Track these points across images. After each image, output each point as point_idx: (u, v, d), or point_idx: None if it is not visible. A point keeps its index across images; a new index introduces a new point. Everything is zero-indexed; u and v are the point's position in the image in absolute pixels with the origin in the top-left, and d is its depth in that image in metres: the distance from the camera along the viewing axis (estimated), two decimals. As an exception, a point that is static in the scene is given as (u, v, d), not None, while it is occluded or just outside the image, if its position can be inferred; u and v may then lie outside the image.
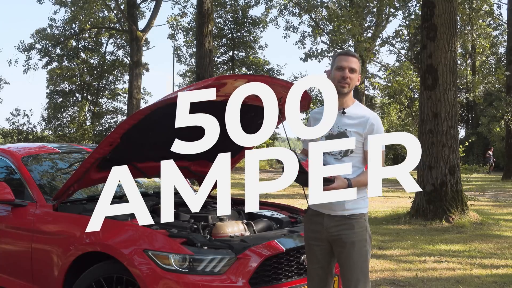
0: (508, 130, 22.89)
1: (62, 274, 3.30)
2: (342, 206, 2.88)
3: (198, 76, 17.30)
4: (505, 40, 28.14)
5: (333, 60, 3.00)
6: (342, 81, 2.89)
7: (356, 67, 2.92)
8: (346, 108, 2.93)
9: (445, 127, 9.11)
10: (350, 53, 2.97)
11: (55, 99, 38.69)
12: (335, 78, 2.90)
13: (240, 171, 28.30)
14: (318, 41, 30.59)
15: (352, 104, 2.97)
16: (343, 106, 2.93)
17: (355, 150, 2.88)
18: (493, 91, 31.64)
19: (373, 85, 24.40)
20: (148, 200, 4.11)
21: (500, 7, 48.42)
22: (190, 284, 2.88)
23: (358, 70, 2.95)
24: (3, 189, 3.65)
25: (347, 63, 2.90)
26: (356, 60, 2.94)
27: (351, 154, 2.88)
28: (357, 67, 2.93)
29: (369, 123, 2.88)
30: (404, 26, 16.74)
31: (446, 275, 5.47)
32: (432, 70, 9.25)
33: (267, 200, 5.25)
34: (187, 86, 4.97)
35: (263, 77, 3.95)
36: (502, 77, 16.05)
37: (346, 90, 2.91)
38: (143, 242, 3.00)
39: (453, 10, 9.34)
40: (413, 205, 9.54)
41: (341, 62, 2.92)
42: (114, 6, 30.85)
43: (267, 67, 37.78)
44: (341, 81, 2.89)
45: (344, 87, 2.89)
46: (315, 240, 2.98)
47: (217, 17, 35.56)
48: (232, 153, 4.51)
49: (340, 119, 2.91)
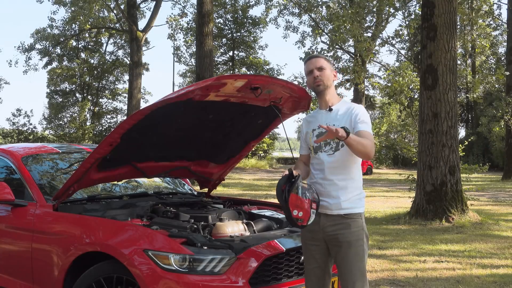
0: (508, 130, 22.91)
1: (62, 274, 3.30)
2: (339, 206, 2.90)
3: (198, 76, 17.31)
4: (505, 40, 28.16)
5: (304, 70, 3.15)
6: (315, 81, 3.04)
7: (323, 64, 3.04)
8: (332, 106, 3.02)
9: (445, 127, 9.11)
10: (313, 56, 3.13)
11: (55, 99, 38.70)
12: (309, 83, 3.08)
13: (240, 171, 28.31)
14: (318, 41, 30.67)
15: (338, 101, 3.06)
16: (328, 104, 3.04)
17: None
18: (493, 91, 31.66)
19: (373, 85, 24.37)
20: (148, 200, 4.11)
21: (500, 7, 48.45)
22: (190, 284, 2.88)
23: (328, 67, 3.05)
24: (3, 189, 3.65)
25: (313, 65, 3.05)
26: (322, 59, 3.07)
27: (342, 148, 2.91)
28: (325, 64, 3.05)
29: (354, 113, 2.95)
30: (404, 26, 16.73)
31: (446, 275, 5.47)
32: (432, 70, 9.25)
33: (267, 200, 5.26)
34: (187, 86, 4.98)
35: (263, 77, 3.95)
36: (502, 77, 16.05)
37: (321, 88, 3.03)
38: (143, 242, 3.00)
39: (453, 10, 9.35)
40: (413, 205, 9.54)
41: (308, 66, 3.08)
42: (114, 6, 30.88)
43: (267, 67, 37.81)
44: (314, 81, 3.04)
45: (319, 85, 3.03)
46: (312, 240, 2.99)
47: (217, 17, 35.58)
48: (232, 153, 4.54)
49: (328, 117, 3.00)
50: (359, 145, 2.75)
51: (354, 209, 2.93)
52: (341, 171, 2.92)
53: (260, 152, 35.35)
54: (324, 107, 3.05)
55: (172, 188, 5.00)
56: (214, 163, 4.58)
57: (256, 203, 4.51)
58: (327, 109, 3.03)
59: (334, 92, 3.09)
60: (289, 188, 2.75)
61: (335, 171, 2.92)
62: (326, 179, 2.93)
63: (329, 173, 2.92)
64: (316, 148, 2.99)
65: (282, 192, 2.75)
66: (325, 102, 3.04)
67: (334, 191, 2.91)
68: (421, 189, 9.32)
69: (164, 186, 4.97)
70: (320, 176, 2.96)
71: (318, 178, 2.97)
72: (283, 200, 2.74)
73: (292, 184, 2.75)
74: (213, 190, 4.87)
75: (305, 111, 4.13)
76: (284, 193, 2.74)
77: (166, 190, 4.80)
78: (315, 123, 3.04)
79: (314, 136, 3.02)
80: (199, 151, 4.38)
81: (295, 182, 2.76)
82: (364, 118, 2.93)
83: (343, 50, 29.01)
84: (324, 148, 2.96)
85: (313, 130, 3.04)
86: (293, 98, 3.84)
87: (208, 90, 3.45)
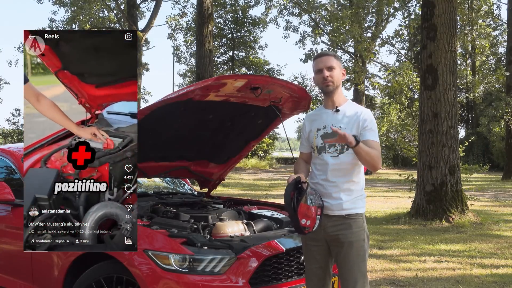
0: (508, 130, 22.90)
1: (62, 274, 3.30)
2: (340, 206, 2.89)
3: (198, 76, 17.31)
4: (505, 40, 28.15)
5: (312, 66, 3.07)
6: (324, 82, 2.95)
7: (334, 64, 2.96)
8: (339, 106, 2.98)
9: (445, 127, 9.11)
10: (324, 54, 3.02)
11: (55, 99, 38.63)
12: (318, 82, 3.00)
13: (240, 171, 28.29)
14: (318, 41, 30.62)
15: (344, 102, 3.01)
16: (335, 104, 2.98)
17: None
18: (493, 91, 31.63)
19: (373, 85, 24.39)
20: (148, 200, 4.11)
21: (500, 7, 48.46)
22: (190, 284, 2.88)
23: (338, 66, 2.98)
24: (3, 189, 3.65)
25: (323, 64, 2.96)
26: (332, 58, 2.98)
27: (347, 151, 2.89)
28: (335, 63, 2.97)
29: (362, 118, 2.91)
30: (404, 26, 16.74)
31: (446, 275, 5.47)
32: (432, 70, 9.25)
33: (267, 200, 5.26)
34: (187, 86, 4.98)
35: (263, 77, 3.95)
36: (502, 77, 16.06)
37: (331, 88, 2.96)
38: (143, 242, 3.00)
39: (453, 10, 9.35)
40: (413, 205, 9.54)
41: (317, 65, 2.99)
42: (114, 6, 30.85)
43: (267, 67, 37.78)
44: (323, 82, 2.96)
45: (328, 85, 2.96)
46: (312, 240, 2.98)
47: (217, 17, 35.56)
48: (232, 153, 4.54)
49: (334, 117, 2.96)
50: (367, 156, 2.76)
51: (355, 210, 2.92)
52: (344, 173, 2.90)
53: (260, 152, 35.32)
54: (330, 107, 3.00)
55: (172, 188, 5.00)
56: (214, 163, 4.58)
57: (256, 203, 4.51)
58: (333, 109, 2.97)
59: (341, 92, 3.04)
60: (298, 196, 2.74)
61: (338, 173, 2.90)
62: (328, 181, 2.91)
63: (332, 175, 2.90)
64: (320, 149, 2.96)
65: (291, 200, 2.74)
66: (332, 102, 2.99)
67: (335, 193, 2.89)
68: (421, 189, 9.32)
69: (164, 186, 4.97)
70: (323, 177, 2.93)
71: (320, 179, 2.95)
72: (292, 209, 2.73)
73: (301, 193, 2.75)
74: (213, 190, 4.87)
75: (305, 111, 4.13)
76: (293, 202, 2.73)
77: (166, 190, 4.81)
78: (320, 122, 3.00)
79: (318, 136, 2.97)
80: (199, 151, 4.38)
81: (304, 191, 2.76)
82: (372, 125, 2.90)
83: (343, 50, 29.02)
84: (329, 149, 2.93)
85: (318, 129, 2.99)
86: (293, 98, 3.84)
87: (208, 90, 3.45)
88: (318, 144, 2.97)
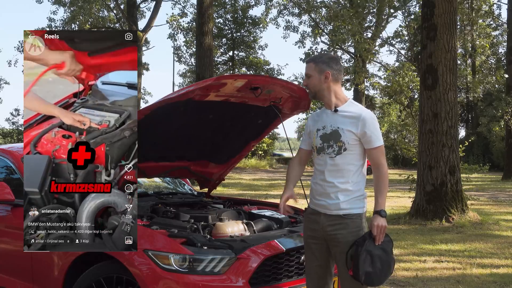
0: (508, 130, 22.90)
1: (62, 274, 3.30)
2: (338, 206, 2.91)
3: (198, 76, 17.32)
4: (505, 40, 28.14)
5: None
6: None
7: (310, 71, 3.00)
8: (338, 107, 2.98)
9: (445, 127, 9.11)
10: (307, 60, 3.10)
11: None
12: None
13: (240, 171, 28.30)
14: (318, 41, 30.65)
15: (344, 102, 3.01)
16: (333, 105, 3.00)
17: (349, 148, 2.90)
18: (493, 91, 31.63)
19: (373, 85, 24.38)
20: (148, 200, 4.11)
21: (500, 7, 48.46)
22: (190, 284, 2.88)
23: (316, 71, 2.98)
24: (3, 189, 3.65)
25: (305, 71, 3.05)
26: (310, 64, 3.02)
27: (344, 152, 2.90)
28: (312, 70, 3.00)
29: (361, 119, 2.91)
30: (404, 26, 16.74)
31: (446, 275, 5.47)
32: (432, 70, 9.25)
33: (267, 200, 5.25)
34: (187, 86, 4.99)
35: (263, 77, 3.95)
36: (502, 78, 16.06)
37: (310, 95, 3.09)
38: (143, 242, 3.00)
39: (453, 10, 9.35)
40: (413, 205, 9.54)
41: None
42: (114, 6, 30.85)
43: (267, 67, 37.80)
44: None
45: (307, 92, 3.16)
46: (312, 238, 3.00)
47: (217, 17, 35.57)
48: (232, 153, 4.54)
49: (333, 117, 2.97)
50: (386, 189, 3.02)
51: (353, 210, 2.94)
52: (341, 174, 2.92)
53: (260, 152, 35.33)
54: (329, 108, 3.01)
55: (172, 188, 5.00)
56: (214, 163, 4.58)
57: (256, 203, 4.51)
58: (332, 109, 2.99)
59: (338, 92, 3.01)
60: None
61: (335, 174, 2.92)
62: (326, 181, 2.93)
63: (329, 176, 2.92)
64: (319, 149, 2.98)
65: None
66: (327, 103, 3.01)
67: (333, 193, 2.91)
68: (421, 189, 9.32)
69: (164, 186, 4.97)
70: (321, 178, 2.96)
71: (318, 179, 2.98)
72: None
73: None
74: (213, 190, 4.87)
75: (305, 111, 4.13)
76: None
77: (166, 190, 4.80)
78: (320, 123, 3.02)
79: (318, 137, 2.99)
80: (199, 151, 4.38)
81: None
82: (372, 129, 2.90)
83: (343, 50, 29.03)
84: (327, 150, 2.95)
85: (318, 130, 3.01)
86: (293, 98, 3.84)
87: (208, 90, 3.45)
88: (317, 144, 2.99)
